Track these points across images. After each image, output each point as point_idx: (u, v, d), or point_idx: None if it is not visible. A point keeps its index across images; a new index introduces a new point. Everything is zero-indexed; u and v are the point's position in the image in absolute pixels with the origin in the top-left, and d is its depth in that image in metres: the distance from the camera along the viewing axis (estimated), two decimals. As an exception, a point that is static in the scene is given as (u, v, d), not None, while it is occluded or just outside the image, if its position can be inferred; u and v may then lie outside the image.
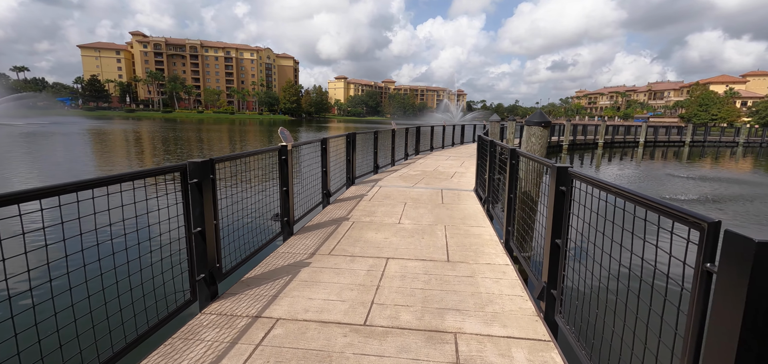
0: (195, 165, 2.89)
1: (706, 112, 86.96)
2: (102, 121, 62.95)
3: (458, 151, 17.23)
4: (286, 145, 4.64)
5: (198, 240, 3.00)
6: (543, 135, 4.65)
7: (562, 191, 2.67)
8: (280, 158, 4.63)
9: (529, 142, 4.75)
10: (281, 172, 4.67)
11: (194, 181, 2.90)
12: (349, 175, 8.19)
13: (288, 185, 4.73)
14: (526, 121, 4.79)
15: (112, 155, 20.95)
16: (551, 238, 2.76)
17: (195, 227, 2.97)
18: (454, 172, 10.39)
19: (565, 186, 2.66)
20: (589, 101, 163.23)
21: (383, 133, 10.89)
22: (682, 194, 14.05)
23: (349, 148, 8.12)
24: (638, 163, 26.10)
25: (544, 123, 4.61)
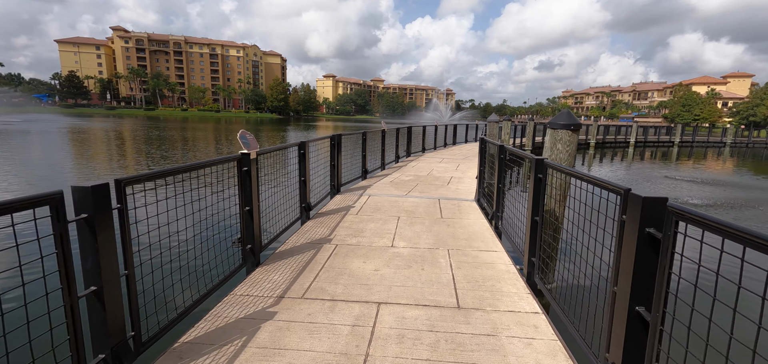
0: (81, 194, 1.86)
1: (688, 113, 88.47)
2: (77, 119, 60.23)
3: (451, 152, 16.35)
4: (249, 154, 3.62)
5: (92, 303, 1.98)
6: (571, 141, 3.75)
7: (650, 236, 1.74)
8: (241, 170, 3.60)
9: (553, 150, 3.83)
10: (242, 188, 3.65)
11: (82, 217, 1.87)
12: (333, 183, 7.18)
13: (252, 202, 3.71)
14: (548, 124, 3.88)
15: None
16: (630, 305, 1.83)
17: (89, 286, 1.95)
18: (450, 178, 9.47)
19: (657, 228, 1.73)
20: (576, 101, 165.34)
21: (372, 134, 9.91)
22: (688, 196, 13.44)
23: (333, 151, 7.11)
24: (629, 163, 25.70)
25: (573, 126, 3.71)
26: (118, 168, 16.15)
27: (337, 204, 6.48)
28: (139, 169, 16.24)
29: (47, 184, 12.50)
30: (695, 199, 13.38)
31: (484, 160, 6.68)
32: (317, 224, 5.36)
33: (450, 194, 7.53)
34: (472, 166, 11.67)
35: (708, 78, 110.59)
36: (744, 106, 77.86)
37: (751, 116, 69.62)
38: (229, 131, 46.23)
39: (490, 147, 6.68)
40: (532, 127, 22.86)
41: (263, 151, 4.11)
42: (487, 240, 4.74)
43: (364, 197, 7.01)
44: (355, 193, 7.39)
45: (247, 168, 3.64)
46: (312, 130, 56.24)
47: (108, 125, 46.88)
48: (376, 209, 6.17)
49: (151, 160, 18.97)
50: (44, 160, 17.42)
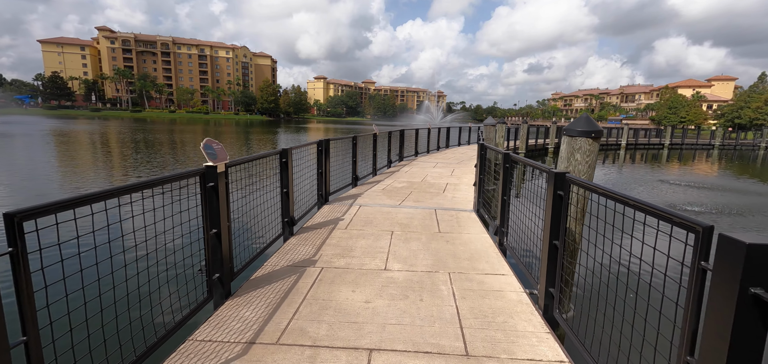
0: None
1: (675, 115, 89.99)
2: (58, 121, 58.38)
3: (445, 156, 15.88)
4: (215, 167, 3.04)
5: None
6: (592, 151, 3.25)
7: (757, 298, 1.23)
8: (205, 186, 3.02)
9: (571, 161, 3.33)
10: (208, 208, 3.07)
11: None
12: (321, 193, 6.61)
13: (220, 223, 3.13)
14: (565, 130, 3.38)
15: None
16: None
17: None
18: (445, 184, 8.97)
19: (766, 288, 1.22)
20: (565, 103, 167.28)
21: (363, 138, 9.36)
22: (687, 204, 13.16)
23: (321, 158, 6.53)
24: (621, 166, 25.60)
25: (594, 133, 3.21)
26: (73, 177, 15.31)
27: (325, 216, 5.91)
28: (102, 176, 15.43)
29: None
30: (696, 206, 13.11)
31: (484, 168, 6.19)
32: (301, 241, 4.78)
33: (447, 203, 7.02)
34: (468, 172, 11.20)
35: (693, 81, 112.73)
36: (728, 109, 79.37)
37: (736, 119, 70.88)
38: (218, 133, 45.21)
39: (489, 153, 6.19)
40: (525, 129, 22.55)
41: (235, 162, 3.53)
42: (492, 260, 4.23)
43: (354, 208, 6.45)
44: (344, 203, 6.83)
45: (214, 183, 3.06)
46: (302, 132, 55.42)
47: (88, 128, 45.42)
48: (367, 222, 5.61)
49: (124, 168, 18.13)
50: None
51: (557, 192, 2.82)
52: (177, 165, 18.66)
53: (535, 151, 27.07)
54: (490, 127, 10.74)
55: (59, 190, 12.24)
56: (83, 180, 13.71)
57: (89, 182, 13.48)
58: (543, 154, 28.43)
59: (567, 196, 2.73)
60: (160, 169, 17.18)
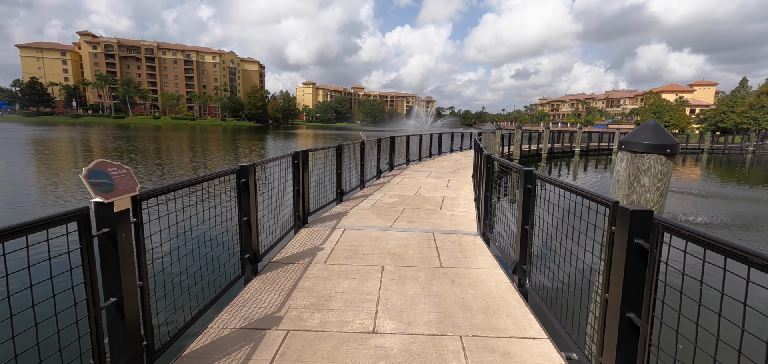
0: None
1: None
2: (34, 128, 55.83)
3: (438, 164, 14.94)
4: (111, 203, 1.97)
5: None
6: (665, 174, 2.27)
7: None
8: (84, 236, 1.93)
9: (635, 186, 2.35)
10: (103, 264, 1.99)
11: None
12: (297, 214, 5.54)
13: (123, 288, 2.06)
14: (624, 144, 2.41)
15: None
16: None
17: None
18: (442, 198, 7.98)
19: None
20: (552, 108, 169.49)
21: (350, 147, 8.33)
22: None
23: (298, 173, 5.47)
24: (611, 171, 25.03)
25: (670, 148, 2.25)
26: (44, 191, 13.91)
27: (301, 244, 4.85)
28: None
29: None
30: (701, 216, 12.40)
31: (490, 183, 5.21)
32: (266, 283, 3.72)
33: (446, 223, 6.02)
34: (465, 182, 10.25)
35: (676, 86, 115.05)
36: (711, 114, 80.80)
37: (720, 123, 72.03)
38: (205, 140, 43.61)
39: (496, 164, 5.22)
40: (519, 136, 21.79)
41: (161, 190, 2.46)
42: (513, 311, 3.22)
43: (337, 232, 5.40)
44: (326, 224, 5.77)
45: (111, 229, 1.99)
46: (290, 139, 54.06)
47: (59, 135, 43.36)
48: (352, 252, 4.57)
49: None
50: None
51: (634, 241, 1.83)
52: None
53: (528, 157, 26.40)
54: (490, 134, 9.81)
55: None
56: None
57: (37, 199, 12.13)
58: (536, 161, 27.79)
59: (657, 249, 1.73)
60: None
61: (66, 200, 11.80)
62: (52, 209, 10.44)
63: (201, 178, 3.03)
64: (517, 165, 3.95)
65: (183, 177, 13.41)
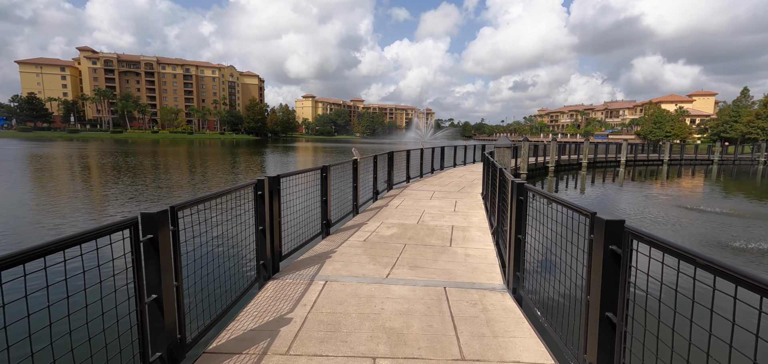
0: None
1: (660, 129, 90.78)
2: (25, 143, 54.65)
3: (442, 181, 13.61)
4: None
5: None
6: None
7: None
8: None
9: None
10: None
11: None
12: (263, 261, 4.17)
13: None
14: None
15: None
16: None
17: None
18: (450, 228, 6.62)
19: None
20: (551, 119, 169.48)
21: (340, 168, 7.00)
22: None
23: (264, 206, 4.11)
24: (621, 184, 23.66)
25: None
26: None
27: (261, 313, 3.46)
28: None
29: None
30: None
31: (521, 222, 3.83)
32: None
33: (459, 268, 4.64)
34: (475, 205, 8.90)
35: (675, 97, 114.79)
36: (713, 123, 79.84)
37: (722, 132, 70.98)
38: (192, 155, 42.37)
39: (529, 195, 3.86)
40: (526, 148, 20.46)
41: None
42: None
43: (315, 287, 4.03)
44: (302, 274, 4.40)
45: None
46: (287, 152, 52.87)
47: (46, 151, 42.16)
48: (331, 327, 3.19)
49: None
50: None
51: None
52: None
53: (535, 170, 25.07)
54: (505, 149, 8.48)
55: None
56: None
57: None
58: (543, 175, 26.46)
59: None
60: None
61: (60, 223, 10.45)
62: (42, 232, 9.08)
63: (82, 234, 1.69)
64: (573, 203, 2.61)
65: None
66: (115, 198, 14.97)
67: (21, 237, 9.42)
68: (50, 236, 6.04)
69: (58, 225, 10.44)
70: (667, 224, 12.29)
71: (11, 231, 9.94)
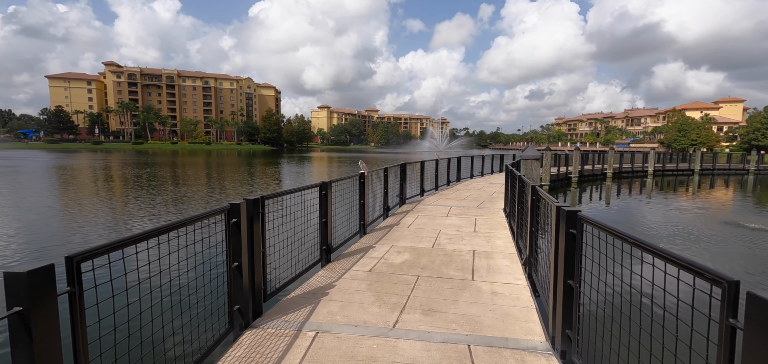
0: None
1: (685, 138, 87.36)
2: (49, 155, 56.21)
3: (458, 194, 12.63)
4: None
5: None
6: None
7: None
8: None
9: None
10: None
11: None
12: (239, 306, 3.33)
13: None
14: None
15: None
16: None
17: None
18: (471, 254, 5.67)
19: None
20: (569, 128, 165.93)
21: (343, 185, 6.16)
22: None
23: (240, 235, 3.29)
24: (649, 196, 22.02)
25: None
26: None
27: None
28: None
29: None
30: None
31: (574, 262, 2.88)
32: None
33: (486, 315, 3.70)
34: (497, 223, 7.92)
35: (700, 104, 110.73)
36: (743, 131, 75.98)
37: (754, 141, 67.37)
38: (210, 166, 42.50)
39: (585, 226, 2.90)
40: (548, 158, 19.22)
41: None
42: None
43: (304, 339, 3.17)
44: (290, 318, 3.55)
45: None
46: (306, 162, 52.64)
47: (68, 162, 43.01)
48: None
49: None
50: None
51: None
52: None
53: (557, 181, 23.72)
54: (532, 161, 7.49)
55: None
56: None
57: None
58: (566, 186, 25.05)
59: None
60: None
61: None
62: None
63: None
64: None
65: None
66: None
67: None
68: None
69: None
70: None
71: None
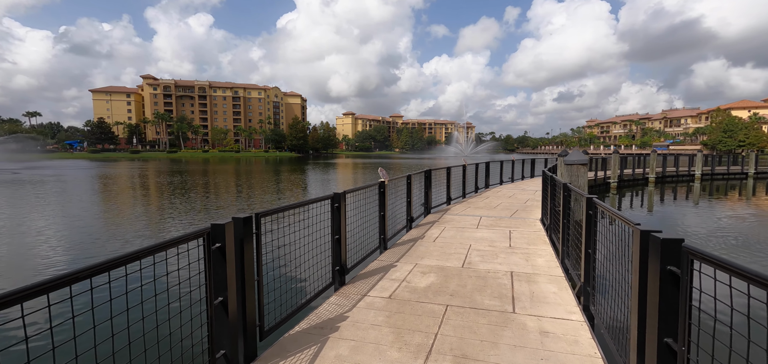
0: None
1: (731, 139, 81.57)
2: (90, 164, 59.29)
3: (488, 202, 11.69)
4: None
5: None
6: None
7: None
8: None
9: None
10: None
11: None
12: (225, 349, 2.70)
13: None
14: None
15: None
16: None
17: None
18: (509, 275, 4.83)
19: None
20: (602, 130, 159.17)
21: (362, 196, 5.49)
22: None
23: (225, 266, 2.68)
24: (696, 201, 19.98)
25: None
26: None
27: None
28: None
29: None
30: None
31: (671, 313, 2.06)
32: None
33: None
34: (535, 235, 6.99)
35: (748, 102, 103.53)
36: (802, 130, 69.72)
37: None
38: (239, 174, 43.26)
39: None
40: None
41: None
42: None
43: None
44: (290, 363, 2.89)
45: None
46: (331, 169, 52.70)
47: (109, 171, 44.94)
48: None
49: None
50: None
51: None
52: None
53: (594, 187, 22.10)
54: (580, 167, 6.52)
55: None
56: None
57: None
58: (604, 191, 23.33)
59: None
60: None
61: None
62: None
63: None
64: None
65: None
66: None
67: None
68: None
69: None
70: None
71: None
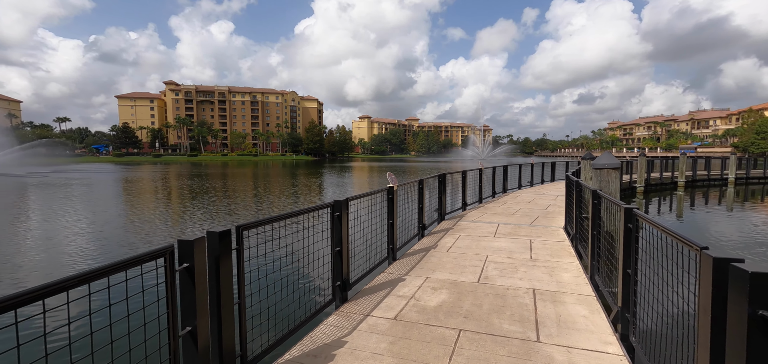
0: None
1: (765, 141, 77.39)
2: (114, 168, 61.07)
3: (506, 208, 11.06)
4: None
5: None
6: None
7: None
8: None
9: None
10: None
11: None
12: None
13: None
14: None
15: None
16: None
17: None
18: (531, 293, 4.29)
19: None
20: (625, 132, 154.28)
21: (366, 202, 5.05)
22: None
23: (193, 290, 2.29)
24: (729, 207, 18.60)
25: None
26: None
27: None
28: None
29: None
30: None
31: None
32: None
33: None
34: (559, 248, 6.39)
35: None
36: None
37: None
38: (258, 177, 43.63)
39: None
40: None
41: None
42: None
43: None
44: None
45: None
46: (347, 173, 52.62)
47: (129, 175, 46.05)
48: None
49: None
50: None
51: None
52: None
53: (619, 192, 21.00)
54: (610, 171, 5.92)
55: None
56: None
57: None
58: (630, 197, 22.19)
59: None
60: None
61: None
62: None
63: None
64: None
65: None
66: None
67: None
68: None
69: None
70: None
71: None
